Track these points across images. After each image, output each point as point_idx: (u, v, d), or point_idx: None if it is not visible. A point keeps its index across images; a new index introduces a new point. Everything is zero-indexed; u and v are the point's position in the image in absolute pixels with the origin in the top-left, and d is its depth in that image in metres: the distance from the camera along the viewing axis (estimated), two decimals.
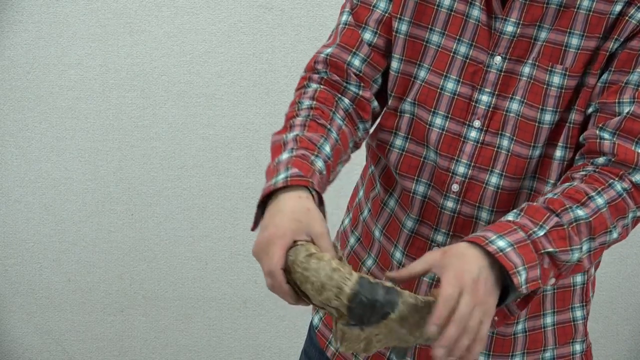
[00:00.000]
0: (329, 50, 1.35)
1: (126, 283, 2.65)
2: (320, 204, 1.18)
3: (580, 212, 1.17)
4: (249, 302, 2.64)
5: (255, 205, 1.21)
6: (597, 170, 1.22)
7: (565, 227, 1.16)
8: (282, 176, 1.17)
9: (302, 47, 2.46)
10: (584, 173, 1.23)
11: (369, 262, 1.44)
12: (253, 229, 1.21)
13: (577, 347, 1.43)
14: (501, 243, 1.12)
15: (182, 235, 2.61)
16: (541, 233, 1.14)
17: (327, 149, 1.25)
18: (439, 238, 1.34)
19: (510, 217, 1.17)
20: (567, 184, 1.22)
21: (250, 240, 1.21)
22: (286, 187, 1.16)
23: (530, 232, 1.14)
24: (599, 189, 1.20)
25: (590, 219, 1.18)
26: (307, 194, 1.16)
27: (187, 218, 2.59)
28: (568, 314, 1.41)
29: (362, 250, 1.46)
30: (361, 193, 1.49)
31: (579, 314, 1.42)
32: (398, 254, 1.38)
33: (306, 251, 1.12)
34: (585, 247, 1.18)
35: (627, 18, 1.22)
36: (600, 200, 1.19)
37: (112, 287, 2.65)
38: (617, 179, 1.21)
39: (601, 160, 1.23)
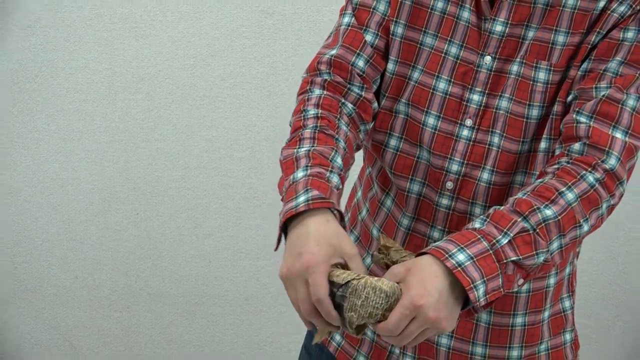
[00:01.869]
0: (333, 51, 1.33)
1: (132, 280, 2.64)
2: (341, 220, 1.17)
3: (548, 212, 1.16)
4: (251, 299, 2.63)
5: (256, 205, 1.19)
6: (570, 161, 1.22)
7: (531, 231, 1.15)
8: (302, 199, 1.14)
9: (302, 50, 2.45)
10: (556, 167, 1.22)
11: (368, 261, 1.44)
12: (276, 249, 1.19)
13: (567, 337, 1.44)
14: (461, 257, 1.11)
15: (186, 234, 2.59)
16: (505, 241, 1.14)
17: (339, 161, 1.23)
18: (435, 234, 1.35)
19: (477, 224, 1.16)
20: (540, 180, 1.21)
21: (253, 238, 1.21)
22: (308, 210, 1.13)
23: (494, 241, 1.13)
24: (570, 183, 1.19)
25: (559, 217, 1.16)
26: (332, 216, 1.14)
27: (191, 217, 2.58)
28: (559, 306, 1.42)
29: (361, 249, 1.46)
30: (359, 193, 1.50)
31: (567, 304, 1.43)
32: None
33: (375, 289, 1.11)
34: (555, 245, 1.17)
35: (609, 12, 1.24)
36: (570, 195, 1.18)
37: (118, 284, 2.64)
38: (589, 169, 1.20)
39: (576, 147, 1.22)
